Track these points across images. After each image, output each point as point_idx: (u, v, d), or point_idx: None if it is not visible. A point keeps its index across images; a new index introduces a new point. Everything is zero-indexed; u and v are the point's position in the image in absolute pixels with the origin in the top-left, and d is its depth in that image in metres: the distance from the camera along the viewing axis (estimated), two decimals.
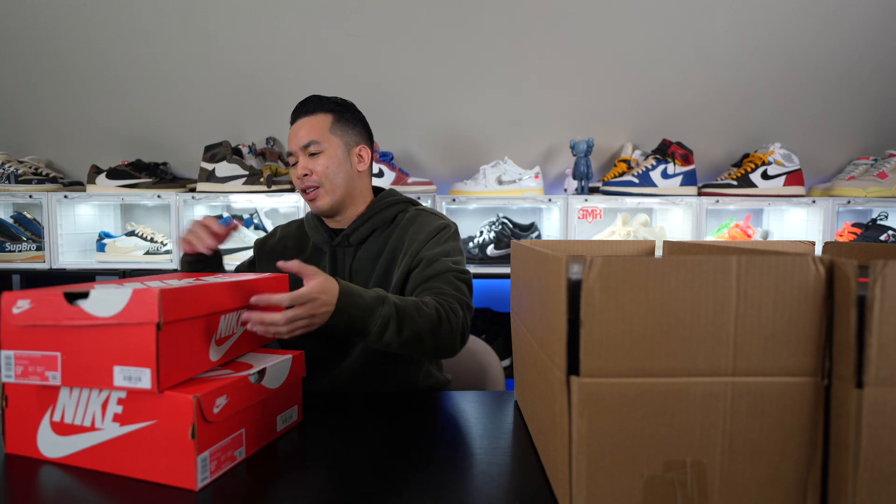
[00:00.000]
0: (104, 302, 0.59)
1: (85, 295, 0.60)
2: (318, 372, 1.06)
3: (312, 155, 1.04)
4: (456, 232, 1.08)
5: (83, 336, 0.60)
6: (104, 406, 0.62)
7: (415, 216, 1.08)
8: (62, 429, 0.64)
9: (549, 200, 1.80)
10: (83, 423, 0.63)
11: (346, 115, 1.08)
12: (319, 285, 0.76)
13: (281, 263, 0.76)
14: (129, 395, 0.61)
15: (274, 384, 0.72)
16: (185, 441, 0.58)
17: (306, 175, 1.04)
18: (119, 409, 0.61)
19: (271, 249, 1.15)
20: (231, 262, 1.77)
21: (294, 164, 1.07)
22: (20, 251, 1.84)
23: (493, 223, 1.86)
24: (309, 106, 1.07)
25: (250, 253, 1.22)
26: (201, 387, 0.61)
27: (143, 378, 0.58)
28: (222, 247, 1.06)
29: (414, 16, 1.86)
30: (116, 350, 0.59)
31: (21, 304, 0.62)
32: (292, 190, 1.86)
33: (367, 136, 1.13)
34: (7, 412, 0.67)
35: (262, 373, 0.69)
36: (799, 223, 1.92)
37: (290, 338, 0.76)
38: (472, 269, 1.78)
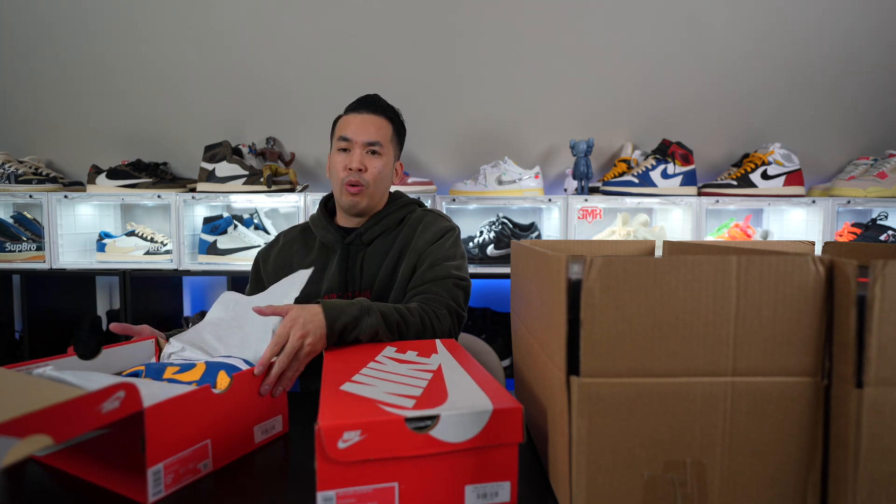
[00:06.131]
0: (457, 427, 0.53)
1: (431, 419, 0.53)
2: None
3: (373, 153, 1.06)
4: (459, 235, 1.12)
5: (427, 463, 0.54)
6: None
7: (421, 216, 1.12)
8: None
9: (549, 200, 1.80)
10: None
11: (399, 129, 1.13)
12: (296, 311, 0.79)
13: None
14: None
15: (246, 393, 0.69)
16: (136, 453, 0.56)
17: (361, 170, 1.05)
18: None
19: (277, 255, 1.16)
20: (235, 262, 1.77)
21: (344, 150, 1.06)
22: (20, 251, 1.84)
23: (493, 223, 1.86)
24: (378, 105, 1.09)
25: (250, 253, 1.22)
26: (157, 398, 0.58)
27: (500, 492, 0.56)
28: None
29: (414, 16, 1.86)
30: (469, 471, 0.55)
31: (349, 436, 0.51)
32: (292, 190, 1.85)
33: (401, 153, 1.17)
34: None
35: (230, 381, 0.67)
36: (799, 223, 1.92)
37: (305, 366, 0.79)
38: (472, 269, 1.78)
